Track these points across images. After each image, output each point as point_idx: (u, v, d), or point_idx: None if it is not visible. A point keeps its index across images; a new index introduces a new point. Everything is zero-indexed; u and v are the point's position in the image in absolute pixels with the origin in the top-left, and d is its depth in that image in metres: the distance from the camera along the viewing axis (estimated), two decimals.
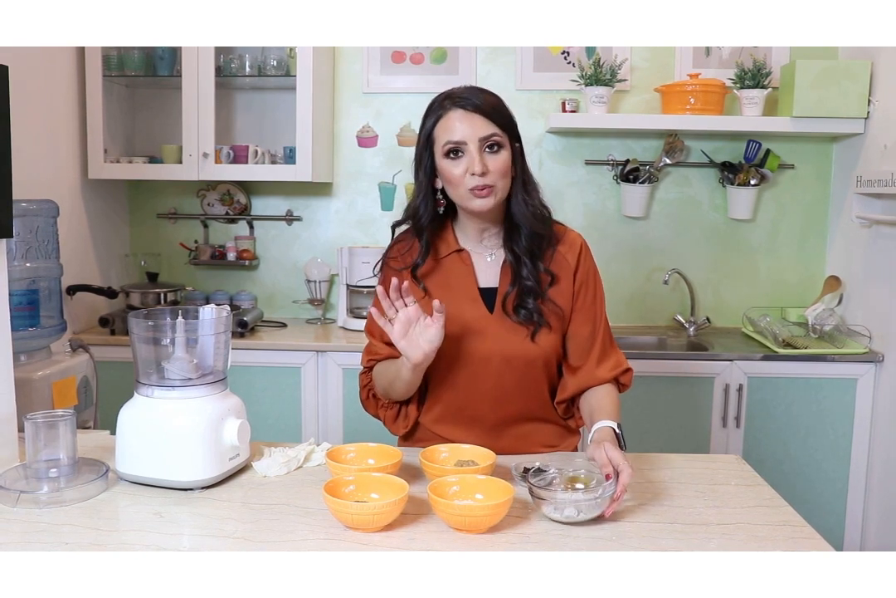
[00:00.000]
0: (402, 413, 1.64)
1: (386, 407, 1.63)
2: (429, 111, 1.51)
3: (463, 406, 1.58)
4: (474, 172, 1.44)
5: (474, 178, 1.44)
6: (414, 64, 3.18)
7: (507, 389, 1.56)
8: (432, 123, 1.48)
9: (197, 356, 1.39)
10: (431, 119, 1.49)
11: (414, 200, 1.55)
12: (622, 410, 1.53)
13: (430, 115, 1.50)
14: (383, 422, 1.66)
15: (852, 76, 2.77)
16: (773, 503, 1.35)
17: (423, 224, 1.55)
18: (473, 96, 1.46)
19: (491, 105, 1.47)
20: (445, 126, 1.46)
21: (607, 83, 2.92)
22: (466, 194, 1.47)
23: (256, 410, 2.71)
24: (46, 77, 2.71)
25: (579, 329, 1.58)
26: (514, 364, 1.54)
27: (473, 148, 1.44)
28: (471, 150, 1.44)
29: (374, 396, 1.64)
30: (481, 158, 1.44)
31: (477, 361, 1.54)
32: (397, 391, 1.56)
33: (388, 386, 1.57)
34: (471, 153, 1.44)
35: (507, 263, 1.56)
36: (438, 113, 1.48)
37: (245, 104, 3.23)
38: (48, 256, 2.08)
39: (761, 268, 3.23)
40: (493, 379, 1.55)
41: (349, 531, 1.19)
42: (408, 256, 1.58)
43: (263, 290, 3.34)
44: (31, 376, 1.93)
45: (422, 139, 1.51)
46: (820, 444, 2.76)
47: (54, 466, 1.33)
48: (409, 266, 1.57)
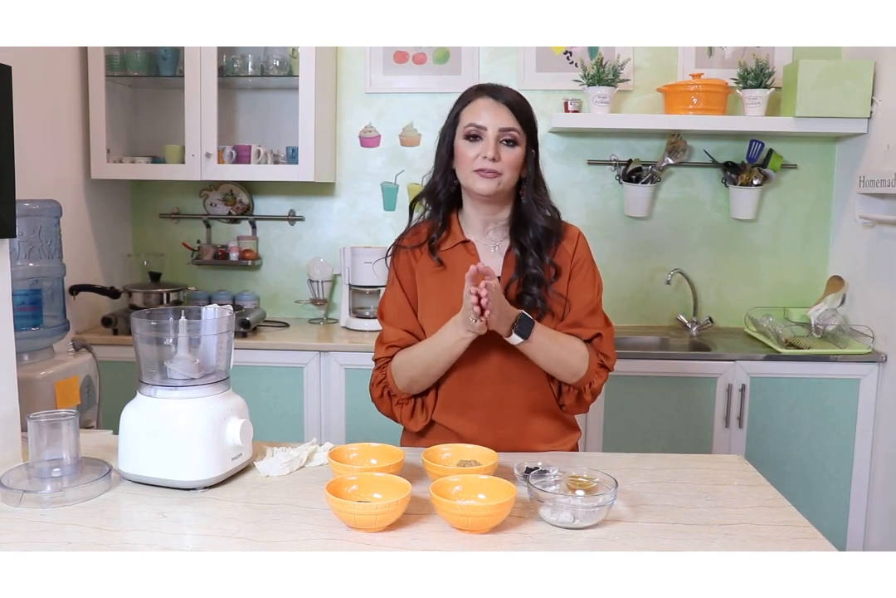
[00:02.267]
0: (419, 406, 1.64)
1: (402, 403, 1.63)
2: (461, 98, 1.60)
3: (466, 395, 1.60)
4: (486, 155, 1.51)
5: (484, 161, 1.52)
6: (416, 64, 3.18)
7: (509, 376, 1.58)
8: (462, 105, 1.58)
9: (199, 356, 1.39)
10: (462, 103, 1.58)
11: (433, 176, 1.63)
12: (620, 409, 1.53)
13: (461, 100, 1.60)
14: (399, 420, 1.66)
15: (855, 76, 2.77)
16: (776, 503, 1.35)
17: (440, 199, 1.63)
18: (506, 91, 1.57)
19: (519, 103, 1.56)
20: (473, 110, 1.55)
21: (610, 83, 2.92)
22: (472, 175, 1.54)
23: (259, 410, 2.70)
24: (49, 77, 2.71)
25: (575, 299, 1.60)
26: (516, 351, 1.54)
27: (492, 135, 1.52)
28: (489, 136, 1.53)
29: (389, 393, 1.63)
30: (496, 146, 1.53)
31: (481, 349, 1.55)
32: (431, 376, 1.58)
33: (422, 373, 1.57)
34: (488, 140, 1.53)
35: (511, 253, 1.60)
36: (470, 98, 1.58)
37: (248, 104, 3.24)
38: (51, 256, 2.08)
39: (764, 268, 3.23)
40: (495, 367, 1.57)
41: (352, 530, 1.19)
42: (420, 235, 1.65)
43: (266, 290, 3.34)
44: (34, 376, 1.93)
45: (449, 119, 1.60)
46: (823, 444, 2.76)
47: (57, 465, 1.33)
48: (423, 242, 1.63)
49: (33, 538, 1.16)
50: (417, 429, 1.65)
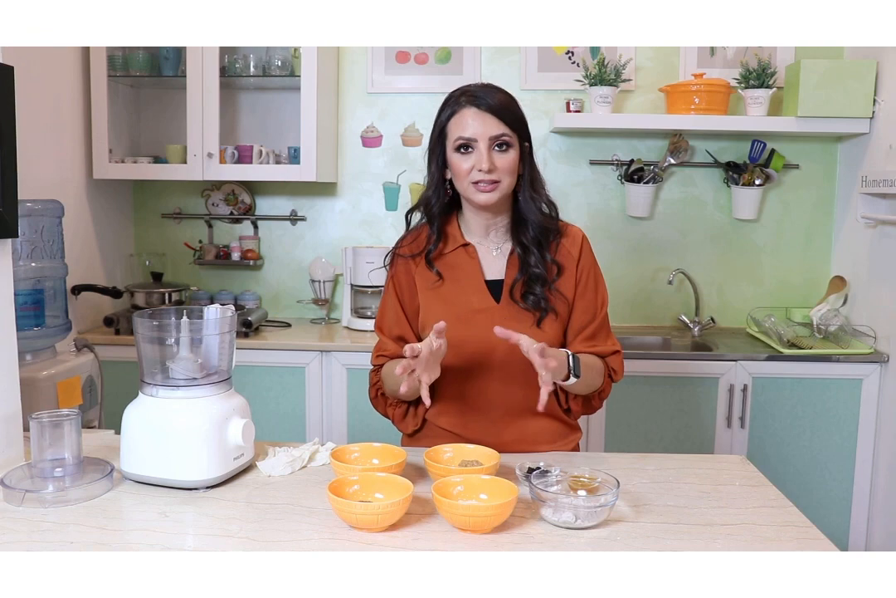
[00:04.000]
0: (411, 412, 1.65)
1: (394, 406, 1.65)
2: (444, 105, 1.56)
3: (468, 396, 1.60)
4: (481, 168, 1.49)
5: (480, 173, 1.50)
6: (418, 64, 3.18)
7: (512, 378, 1.57)
8: (447, 117, 1.54)
9: (202, 356, 1.39)
10: (446, 113, 1.54)
11: (426, 190, 1.61)
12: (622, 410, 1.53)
13: (445, 109, 1.55)
14: (392, 420, 1.68)
15: (857, 76, 2.77)
16: (778, 503, 1.35)
17: (434, 212, 1.61)
18: (488, 96, 1.52)
19: (504, 105, 1.52)
20: (458, 122, 1.52)
21: (612, 83, 2.92)
22: (471, 188, 1.52)
23: (261, 409, 2.72)
24: (51, 77, 2.71)
25: (580, 317, 1.61)
26: (519, 354, 1.54)
27: (483, 146, 1.49)
28: (480, 147, 1.50)
29: (382, 394, 1.65)
30: (489, 155, 1.50)
31: (483, 350, 1.55)
32: (404, 395, 1.57)
33: (396, 388, 1.57)
34: (480, 150, 1.50)
35: (515, 254, 1.60)
36: (453, 108, 1.53)
37: (249, 104, 3.24)
38: (53, 256, 2.09)
39: (766, 268, 3.23)
40: (498, 368, 1.57)
41: (353, 530, 1.19)
42: (416, 245, 1.63)
43: (268, 290, 3.35)
44: (37, 376, 1.93)
45: (435, 132, 1.57)
46: (825, 444, 2.76)
47: (59, 465, 1.33)
48: (420, 252, 1.62)
49: (35, 538, 1.16)
50: (409, 431, 1.67)
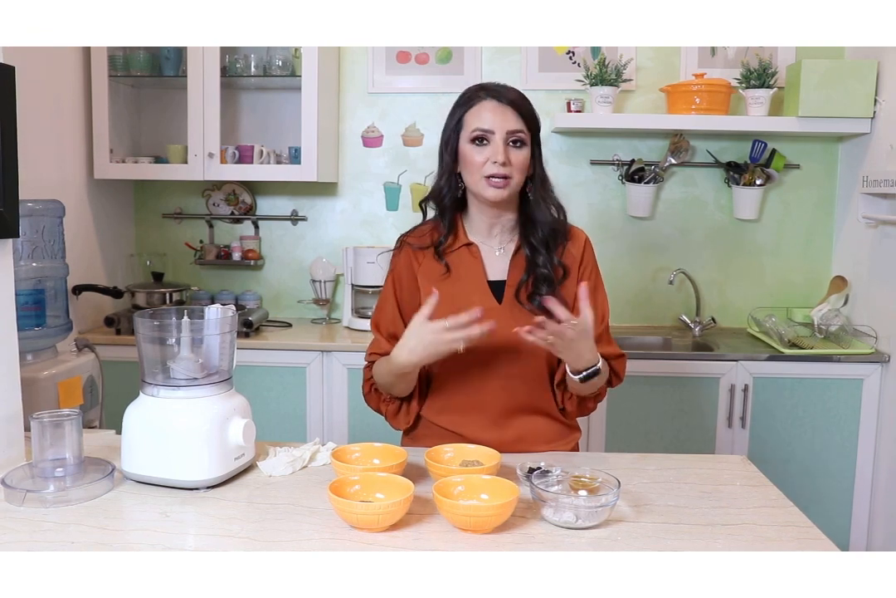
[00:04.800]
0: (404, 409, 1.65)
1: (387, 402, 1.65)
2: (461, 99, 1.57)
3: (468, 395, 1.60)
4: (496, 160, 1.49)
5: (494, 166, 1.50)
6: (419, 64, 3.18)
7: (512, 378, 1.58)
8: (465, 109, 1.55)
9: (202, 356, 1.39)
10: (464, 106, 1.55)
11: (438, 181, 1.61)
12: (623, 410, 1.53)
13: (462, 102, 1.56)
14: (385, 416, 1.68)
15: (858, 76, 2.77)
16: (779, 503, 1.35)
17: (446, 203, 1.61)
18: (508, 92, 1.54)
19: (523, 103, 1.54)
20: (477, 113, 1.52)
21: (612, 83, 2.92)
22: (482, 181, 1.52)
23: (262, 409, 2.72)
24: (52, 78, 2.71)
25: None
26: (520, 353, 1.55)
27: (499, 138, 1.50)
28: (496, 140, 1.50)
29: (376, 390, 1.65)
30: (505, 149, 1.50)
31: (485, 350, 1.54)
32: (397, 389, 1.59)
33: (389, 384, 1.58)
34: (496, 143, 1.50)
35: (521, 254, 1.60)
36: (472, 101, 1.54)
37: (250, 104, 3.24)
38: (54, 256, 2.09)
39: (767, 268, 3.23)
40: (499, 368, 1.57)
41: (354, 530, 1.19)
42: (426, 237, 1.63)
43: (269, 290, 3.35)
44: (37, 376, 1.93)
45: (451, 123, 1.57)
46: (826, 444, 2.76)
47: (60, 465, 1.33)
48: (431, 244, 1.61)
49: (36, 538, 1.16)
50: (401, 428, 1.68)
